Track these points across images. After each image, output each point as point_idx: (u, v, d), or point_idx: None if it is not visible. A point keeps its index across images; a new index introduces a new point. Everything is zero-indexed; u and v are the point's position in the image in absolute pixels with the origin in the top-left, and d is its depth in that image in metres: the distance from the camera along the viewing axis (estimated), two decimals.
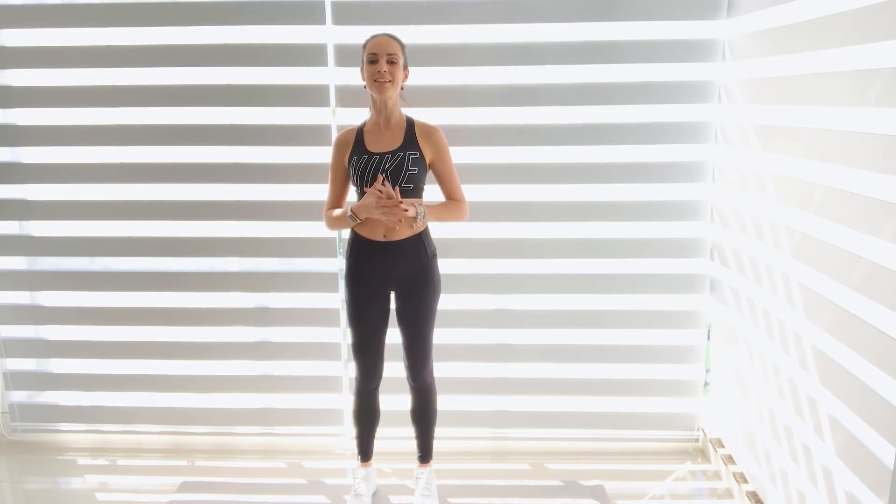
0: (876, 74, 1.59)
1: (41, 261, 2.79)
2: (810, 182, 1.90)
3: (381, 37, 2.10)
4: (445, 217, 2.23)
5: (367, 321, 2.26)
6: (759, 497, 2.34)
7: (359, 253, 2.20)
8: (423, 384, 2.34)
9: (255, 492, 2.53)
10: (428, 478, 2.43)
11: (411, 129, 2.18)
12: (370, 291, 2.23)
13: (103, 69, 2.56)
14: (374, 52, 2.07)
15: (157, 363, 2.83)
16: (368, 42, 2.10)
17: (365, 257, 2.19)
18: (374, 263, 2.19)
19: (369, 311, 2.25)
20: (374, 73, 2.06)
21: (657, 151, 2.56)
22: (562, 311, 2.71)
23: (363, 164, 2.13)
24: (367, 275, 2.21)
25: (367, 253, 2.18)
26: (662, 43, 2.45)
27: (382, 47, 2.07)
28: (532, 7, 2.42)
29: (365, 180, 2.12)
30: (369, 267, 2.20)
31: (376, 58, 2.06)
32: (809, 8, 1.89)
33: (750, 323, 2.34)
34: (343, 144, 2.20)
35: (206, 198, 2.66)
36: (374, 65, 2.06)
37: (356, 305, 2.25)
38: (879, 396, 1.64)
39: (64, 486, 2.64)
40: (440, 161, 2.20)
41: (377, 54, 2.06)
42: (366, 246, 2.18)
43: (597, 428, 2.82)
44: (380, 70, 2.06)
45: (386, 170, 2.11)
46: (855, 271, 1.71)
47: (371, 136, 2.17)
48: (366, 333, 2.27)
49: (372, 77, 2.07)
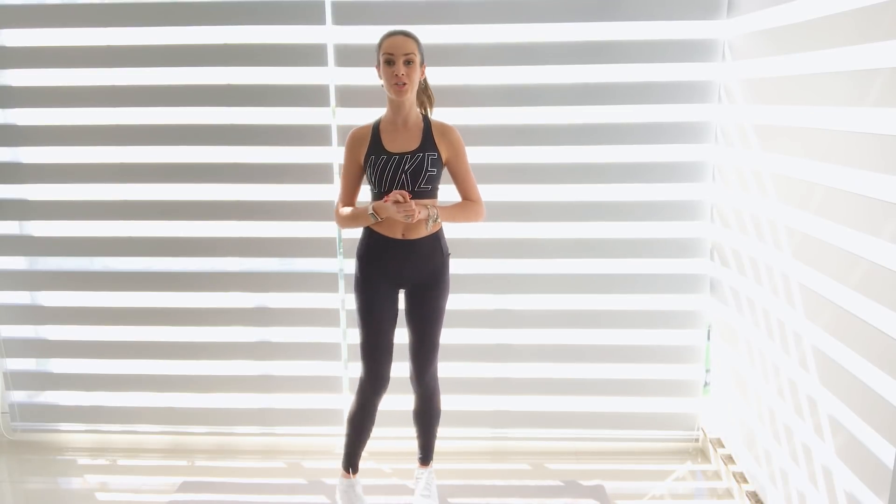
0: (876, 74, 1.59)
1: (41, 261, 2.79)
2: (810, 182, 1.90)
3: (397, 36, 2.05)
4: (459, 218, 2.21)
5: (378, 320, 2.21)
6: (759, 497, 2.34)
7: (374, 250, 2.17)
8: (427, 385, 2.33)
9: (255, 492, 2.53)
10: (428, 478, 2.43)
11: (428, 129, 2.16)
12: (383, 290, 2.20)
13: (103, 69, 2.56)
14: (391, 52, 2.02)
15: (157, 363, 2.82)
16: (384, 41, 2.05)
17: (381, 255, 2.17)
18: (389, 261, 2.17)
19: (381, 310, 2.21)
20: (392, 76, 2.03)
21: (657, 151, 2.56)
22: (562, 311, 2.71)
23: (382, 165, 2.09)
24: (382, 273, 2.19)
25: (383, 251, 2.16)
26: (662, 43, 2.45)
27: (399, 47, 2.02)
28: (532, 7, 2.42)
29: (384, 181, 2.10)
30: (385, 265, 2.17)
31: (393, 59, 2.02)
32: (809, 8, 1.89)
33: (750, 323, 2.34)
34: (358, 141, 2.15)
35: (206, 198, 2.65)
36: (392, 66, 2.02)
37: (368, 304, 2.20)
38: (879, 396, 1.64)
39: (64, 486, 2.64)
40: (456, 160, 2.19)
41: (394, 55, 2.02)
42: (383, 243, 2.16)
43: (597, 428, 2.82)
44: (397, 73, 2.02)
45: (406, 171, 2.09)
46: (855, 271, 1.71)
47: (388, 135, 2.13)
48: (377, 333, 2.22)
49: (390, 80, 2.04)
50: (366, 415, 2.30)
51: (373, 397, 2.28)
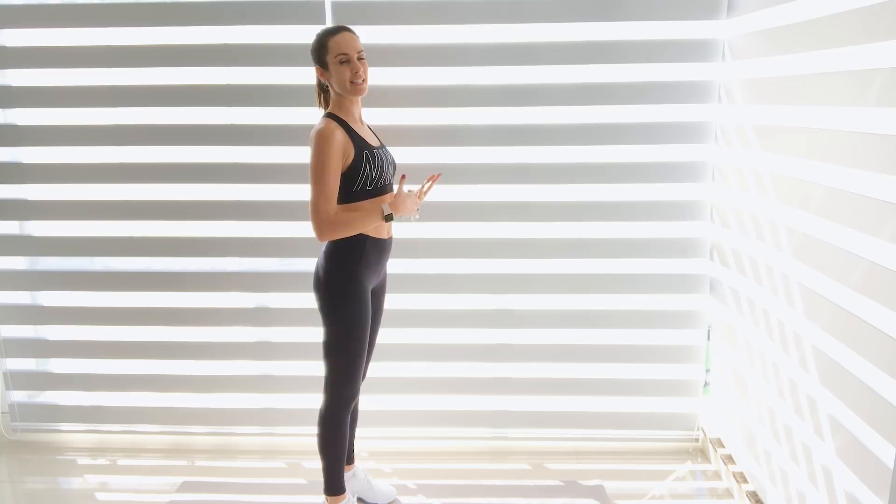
0: (876, 74, 1.59)
1: (41, 261, 2.79)
2: (810, 182, 1.90)
3: (345, 33, 1.99)
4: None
5: (367, 333, 2.10)
6: (759, 497, 2.34)
7: (371, 255, 2.07)
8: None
9: (255, 492, 2.53)
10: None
11: (370, 126, 2.21)
12: (369, 296, 2.11)
13: (103, 69, 2.56)
14: (345, 51, 1.96)
15: (157, 363, 2.82)
16: (330, 40, 1.97)
17: (375, 259, 2.10)
18: (378, 264, 2.13)
19: (369, 320, 2.11)
20: (352, 75, 1.97)
21: (657, 151, 2.56)
22: (562, 311, 2.70)
23: (380, 158, 2.05)
24: (374, 277, 2.14)
25: (377, 254, 2.10)
26: (662, 43, 2.45)
27: (352, 46, 1.98)
28: (532, 7, 2.42)
29: (383, 175, 2.07)
30: (376, 269, 2.13)
31: (348, 58, 1.97)
32: (809, 8, 1.89)
33: (750, 323, 2.33)
34: (342, 140, 1.98)
35: (206, 198, 2.65)
36: (348, 65, 1.97)
37: (365, 315, 2.06)
38: (879, 396, 1.64)
39: (64, 486, 2.64)
40: None
41: (348, 54, 1.96)
42: (378, 246, 2.10)
43: (597, 428, 2.82)
44: (357, 71, 1.97)
45: (390, 163, 2.13)
46: (855, 271, 1.71)
47: (360, 131, 2.07)
48: (365, 347, 2.11)
49: (350, 80, 1.97)
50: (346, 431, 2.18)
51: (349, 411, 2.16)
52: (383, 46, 2.47)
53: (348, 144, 1.98)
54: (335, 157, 1.95)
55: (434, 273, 2.69)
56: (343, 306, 2.04)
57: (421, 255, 2.66)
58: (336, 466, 2.19)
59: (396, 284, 2.65)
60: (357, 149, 2.00)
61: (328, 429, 2.14)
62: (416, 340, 2.72)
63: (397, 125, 2.54)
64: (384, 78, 2.49)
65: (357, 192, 2.02)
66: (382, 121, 2.51)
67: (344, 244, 2.03)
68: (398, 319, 2.68)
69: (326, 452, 2.16)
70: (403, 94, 2.52)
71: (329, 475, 2.19)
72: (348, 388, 2.11)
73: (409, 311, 2.70)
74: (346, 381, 2.10)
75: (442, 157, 2.59)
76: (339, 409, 2.12)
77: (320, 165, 1.94)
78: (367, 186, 2.03)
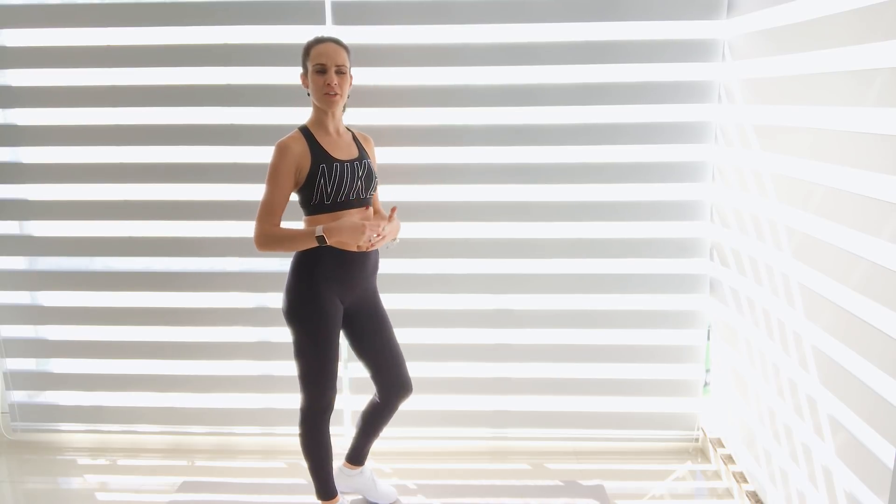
0: (876, 74, 1.59)
1: (41, 261, 2.79)
2: (810, 182, 1.90)
3: (328, 44, 1.98)
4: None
5: (334, 340, 2.09)
6: (759, 497, 2.34)
7: (330, 267, 2.03)
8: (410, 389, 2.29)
9: (255, 492, 2.53)
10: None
11: (355, 137, 2.15)
12: (336, 306, 2.08)
13: (103, 69, 2.56)
14: (323, 62, 1.95)
15: (157, 363, 2.82)
16: (313, 49, 1.98)
17: (341, 272, 2.06)
18: (347, 279, 2.07)
19: (337, 329, 2.10)
20: (324, 85, 1.96)
21: (657, 151, 2.56)
22: (562, 311, 2.71)
23: (338, 172, 1.99)
24: (343, 291, 2.09)
25: (341, 267, 2.05)
26: (662, 43, 2.45)
27: (331, 57, 1.96)
28: (532, 7, 2.42)
29: (342, 190, 2.00)
30: (345, 283, 2.08)
31: (325, 68, 1.96)
32: (809, 8, 1.89)
33: (750, 323, 2.34)
34: (299, 152, 1.97)
35: (206, 198, 2.65)
36: (323, 75, 1.96)
37: (322, 326, 2.05)
38: (879, 396, 1.64)
39: (64, 486, 2.64)
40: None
41: (326, 65, 1.96)
42: (341, 259, 2.04)
43: (597, 428, 2.82)
44: (329, 83, 1.95)
45: (361, 178, 2.05)
46: (855, 271, 1.71)
47: (328, 142, 2.03)
48: (334, 356, 2.09)
49: (321, 90, 1.97)
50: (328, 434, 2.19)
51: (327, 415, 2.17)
52: (383, 46, 2.48)
53: (305, 157, 1.98)
54: (285, 171, 1.97)
55: (434, 273, 2.69)
56: (298, 315, 2.06)
57: (421, 255, 2.66)
58: (320, 471, 2.20)
59: (397, 284, 2.66)
60: (314, 162, 1.98)
61: (303, 430, 2.16)
62: (416, 340, 2.72)
63: (397, 125, 2.54)
64: (384, 78, 2.50)
65: (315, 205, 2.01)
66: (382, 121, 2.51)
67: (302, 254, 2.05)
68: (398, 319, 2.66)
69: (306, 454, 2.19)
70: (403, 94, 2.52)
71: (314, 479, 2.22)
72: (315, 392, 2.11)
73: (409, 311, 2.70)
74: (313, 385, 2.11)
75: (442, 157, 2.59)
76: (311, 413, 2.14)
77: (269, 177, 1.98)
78: (324, 201, 2.01)
